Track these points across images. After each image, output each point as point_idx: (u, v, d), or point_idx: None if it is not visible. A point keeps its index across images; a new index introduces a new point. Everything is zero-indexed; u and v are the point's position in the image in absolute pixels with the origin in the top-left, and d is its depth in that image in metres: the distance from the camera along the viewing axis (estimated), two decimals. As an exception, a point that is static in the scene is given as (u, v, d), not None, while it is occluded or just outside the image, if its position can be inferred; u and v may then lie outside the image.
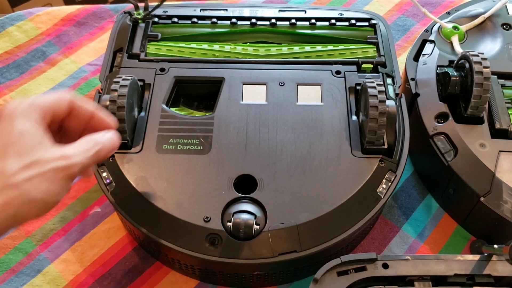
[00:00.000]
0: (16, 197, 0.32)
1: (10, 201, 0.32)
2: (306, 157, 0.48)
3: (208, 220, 0.45)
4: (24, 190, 0.32)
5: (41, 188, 0.33)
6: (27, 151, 0.33)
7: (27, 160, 0.33)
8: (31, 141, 0.34)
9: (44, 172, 0.33)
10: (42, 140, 0.34)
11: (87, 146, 0.36)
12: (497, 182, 0.49)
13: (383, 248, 0.54)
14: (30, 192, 0.32)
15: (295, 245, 0.44)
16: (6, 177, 0.32)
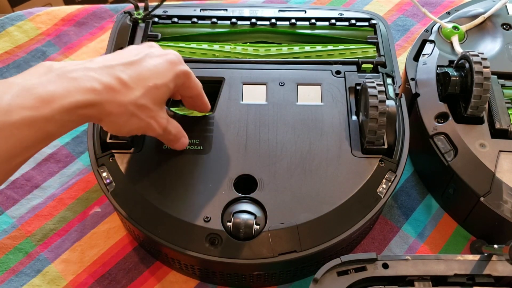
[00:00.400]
0: (119, 110, 0.39)
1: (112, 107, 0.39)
2: (306, 157, 0.48)
3: (208, 220, 0.45)
4: (125, 111, 0.39)
5: (133, 124, 0.41)
6: (152, 98, 0.41)
7: (147, 102, 0.41)
8: (163, 95, 0.42)
9: (145, 121, 0.41)
10: (165, 99, 0.43)
11: (174, 131, 0.46)
12: (497, 182, 0.49)
13: (383, 248, 0.54)
14: (128, 119, 0.40)
15: (295, 245, 0.44)
16: (127, 93, 0.39)
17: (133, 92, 0.40)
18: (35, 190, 0.58)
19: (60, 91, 0.36)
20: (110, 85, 0.38)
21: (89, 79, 0.38)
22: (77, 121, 0.38)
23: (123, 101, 0.39)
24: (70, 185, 0.58)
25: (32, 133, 0.34)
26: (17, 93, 0.34)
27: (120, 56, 0.42)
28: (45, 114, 0.35)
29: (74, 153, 0.61)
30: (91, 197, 0.57)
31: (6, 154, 0.34)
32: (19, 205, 0.57)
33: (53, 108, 0.35)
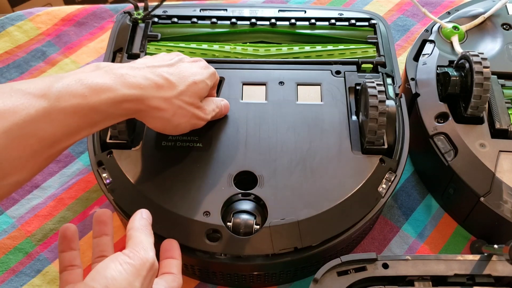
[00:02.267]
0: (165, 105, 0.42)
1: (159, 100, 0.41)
2: (306, 155, 0.48)
3: (208, 215, 0.45)
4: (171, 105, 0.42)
5: (180, 117, 0.44)
6: (194, 93, 0.44)
7: (189, 96, 0.44)
8: (202, 91, 0.46)
9: (192, 112, 0.45)
10: (204, 94, 0.47)
11: (212, 107, 0.48)
12: (497, 182, 0.49)
13: (383, 248, 0.54)
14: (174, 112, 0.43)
15: (296, 241, 0.44)
16: (172, 89, 0.42)
17: (176, 88, 0.43)
18: (35, 190, 0.58)
19: (108, 83, 0.38)
20: (155, 82, 0.41)
21: (135, 75, 0.40)
22: (122, 115, 0.40)
23: (168, 96, 0.42)
24: (70, 185, 0.58)
25: (77, 120, 0.36)
26: (68, 82, 0.36)
27: (157, 59, 0.45)
28: (92, 104, 0.37)
29: (74, 153, 0.61)
30: (91, 197, 0.57)
31: (51, 138, 0.35)
32: (19, 205, 0.57)
33: (101, 99, 0.37)
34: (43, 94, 0.35)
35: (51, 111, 0.35)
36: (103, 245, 0.42)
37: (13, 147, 0.33)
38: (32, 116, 0.34)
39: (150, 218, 0.40)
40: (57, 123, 0.35)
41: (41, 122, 0.34)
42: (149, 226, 0.39)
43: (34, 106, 0.34)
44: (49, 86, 0.35)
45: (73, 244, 0.42)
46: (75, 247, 0.42)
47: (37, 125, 0.34)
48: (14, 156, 0.33)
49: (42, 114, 0.34)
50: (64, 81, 0.36)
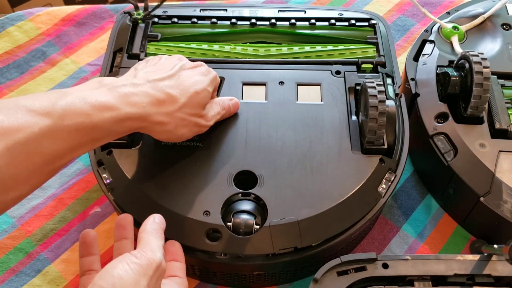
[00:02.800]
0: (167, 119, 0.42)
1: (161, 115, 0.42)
2: (306, 154, 0.48)
3: (208, 215, 0.45)
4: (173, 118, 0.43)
5: (183, 127, 0.44)
6: (196, 103, 0.45)
7: (191, 107, 0.44)
8: (204, 99, 0.46)
9: (195, 122, 0.45)
10: (206, 102, 0.46)
11: (216, 110, 0.48)
12: (497, 182, 0.49)
13: (383, 248, 0.54)
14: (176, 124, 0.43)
15: (296, 241, 0.44)
16: (174, 103, 0.43)
17: (178, 102, 0.43)
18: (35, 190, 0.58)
19: (112, 102, 0.39)
20: (157, 98, 0.42)
21: (137, 93, 0.41)
22: (124, 132, 0.41)
23: (169, 110, 0.42)
24: (70, 185, 0.58)
25: (80, 137, 0.37)
26: (72, 100, 0.37)
27: (158, 70, 0.45)
28: (96, 122, 0.37)
29: (74, 153, 0.61)
30: (91, 197, 0.57)
31: (54, 154, 0.36)
32: (19, 205, 0.57)
33: (104, 117, 0.38)
34: (47, 112, 0.35)
35: (55, 129, 0.35)
36: (123, 248, 0.43)
37: (16, 164, 0.34)
38: (36, 134, 0.34)
39: (163, 223, 0.41)
40: (60, 140, 0.36)
41: (45, 140, 0.35)
42: (161, 230, 0.40)
43: (38, 124, 0.34)
44: (53, 103, 0.36)
45: (92, 249, 0.43)
46: (95, 252, 0.43)
47: (40, 143, 0.35)
48: (17, 172, 0.34)
49: (46, 132, 0.35)
50: (68, 99, 0.37)
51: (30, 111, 0.35)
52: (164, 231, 0.41)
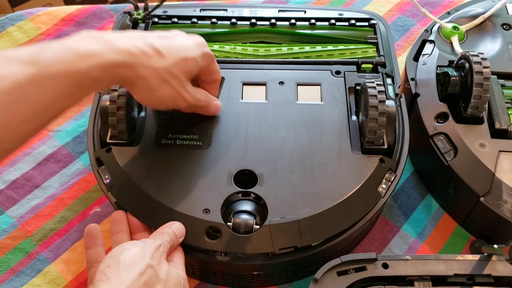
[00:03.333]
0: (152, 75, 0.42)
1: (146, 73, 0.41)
2: (306, 154, 0.48)
3: (208, 213, 0.45)
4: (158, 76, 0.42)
5: (165, 91, 0.43)
6: (182, 69, 0.44)
7: (177, 71, 0.43)
8: (191, 68, 0.45)
9: (176, 89, 0.44)
10: (193, 73, 0.46)
11: (200, 96, 0.48)
12: (497, 182, 0.49)
13: (383, 248, 0.54)
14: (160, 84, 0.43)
15: (296, 240, 0.44)
16: (161, 59, 0.42)
17: (165, 60, 0.42)
18: (35, 190, 0.58)
19: (96, 49, 0.38)
20: (144, 51, 0.41)
21: (124, 42, 0.40)
22: (110, 80, 0.40)
23: (156, 66, 0.42)
24: (70, 185, 0.58)
25: (67, 86, 0.37)
26: (57, 49, 0.37)
27: (152, 32, 0.45)
28: (81, 69, 0.37)
29: (74, 153, 0.61)
30: (91, 197, 0.57)
31: (41, 104, 0.36)
32: (19, 205, 0.57)
33: (89, 64, 0.38)
34: (32, 61, 0.35)
35: (40, 77, 0.35)
36: (120, 240, 0.44)
37: (3, 113, 0.34)
38: (21, 82, 0.34)
39: (178, 231, 0.43)
40: (46, 89, 0.36)
41: (30, 88, 0.35)
42: (173, 234, 0.43)
43: (22, 73, 0.34)
44: (37, 53, 0.36)
45: (98, 240, 0.44)
46: (100, 244, 0.44)
47: (25, 91, 0.35)
48: (4, 122, 0.34)
49: (31, 80, 0.35)
50: (52, 48, 0.37)
51: (14, 61, 0.35)
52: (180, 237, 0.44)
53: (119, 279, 0.37)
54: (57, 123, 0.64)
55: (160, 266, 0.39)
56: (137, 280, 0.37)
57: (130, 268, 0.38)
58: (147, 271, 0.38)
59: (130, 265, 0.38)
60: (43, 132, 0.63)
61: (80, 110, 0.66)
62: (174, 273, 0.41)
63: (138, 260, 0.38)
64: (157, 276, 0.39)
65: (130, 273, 0.37)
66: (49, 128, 0.64)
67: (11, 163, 0.60)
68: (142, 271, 0.38)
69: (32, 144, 0.62)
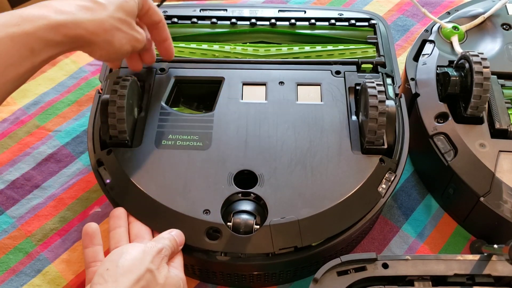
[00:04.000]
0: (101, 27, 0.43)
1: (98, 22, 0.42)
2: (306, 154, 0.48)
3: (208, 214, 0.45)
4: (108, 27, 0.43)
5: (121, 39, 0.45)
6: (125, 11, 0.45)
7: (122, 15, 0.44)
8: (132, 9, 0.46)
9: (129, 33, 0.45)
10: (135, 13, 0.47)
11: (148, 37, 0.50)
12: (497, 182, 0.49)
13: (383, 248, 0.54)
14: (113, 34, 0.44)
15: (296, 240, 0.44)
16: (102, 9, 0.43)
17: (107, 8, 0.43)
18: (35, 190, 0.58)
19: (41, 12, 0.40)
20: (85, 5, 0.42)
21: (65, 4, 0.42)
22: (62, 42, 0.41)
23: (101, 17, 0.43)
24: (70, 185, 0.58)
25: (17, 49, 0.38)
26: (3, 16, 0.38)
27: None
28: (27, 30, 0.38)
29: (74, 153, 0.61)
30: (91, 197, 0.57)
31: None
32: (19, 205, 0.57)
33: (35, 25, 0.39)
34: None
35: None
36: (118, 236, 0.45)
37: None
38: None
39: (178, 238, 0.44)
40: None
41: None
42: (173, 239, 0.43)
43: None
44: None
45: (95, 239, 0.44)
46: (98, 243, 0.44)
47: None
48: None
49: None
50: (0, 15, 0.38)
51: None
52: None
53: (116, 283, 0.37)
54: (57, 123, 0.64)
55: (160, 271, 0.40)
56: (134, 286, 0.37)
57: (128, 272, 0.38)
58: (145, 276, 0.38)
59: (128, 270, 0.38)
60: (43, 132, 0.63)
61: (80, 110, 0.66)
62: (173, 276, 0.41)
63: (137, 265, 0.39)
64: (155, 281, 0.39)
65: (128, 278, 0.37)
66: (49, 128, 0.64)
67: (11, 163, 0.60)
68: (140, 276, 0.38)
69: (32, 144, 0.62)
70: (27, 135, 0.63)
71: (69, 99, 0.67)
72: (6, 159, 0.61)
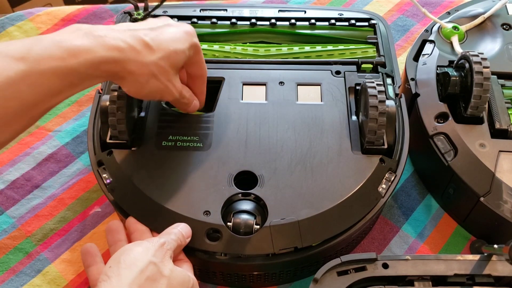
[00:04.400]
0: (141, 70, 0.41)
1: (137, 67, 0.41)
2: (306, 154, 0.48)
3: (208, 215, 0.45)
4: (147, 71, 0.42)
5: (153, 85, 0.43)
6: (171, 62, 0.44)
7: (166, 65, 0.43)
8: (179, 61, 0.45)
9: (164, 83, 0.44)
10: (180, 65, 0.46)
11: (188, 95, 0.48)
12: (497, 182, 0.49)
13: (383, 248, 0.54)
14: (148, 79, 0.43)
15: (296, 241, 0.44)
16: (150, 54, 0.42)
17: (154, 54, 0.42)
18: (35, 190, 0.58)
19: (86, 45, 0.38)
20: (133, 46, 0.41)
21: (114, 38, 0.40)
22: (100, 77, 0.40)
23: (145, 61, 0.42)
24: (70, 185, 0.58)
25: (57, 82, 0.37)
26: (47, 45, 0.37)
27: (142, 24, 0.45)
28: (71, 66, 0.37)
29: (74, 153, 0.61)
30: (91, 197, 0.57)
31: (33, 100, 0.36)
32: (19, 205, 0.57)
33: (79, 61, 0.38)
34: (22, 57, 0.35)
35: (31, 74, 0.35)
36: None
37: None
38: (12, 79, 0.35)
39: (185, 232, 0.44)
40: (37, 85, 0.36)
41: (21, 85, 0.35)
42: (181, 236, 0.43)
43: (13, 69, 0.35)
44: (28, 49, 0.36)
45: (97, 258, 0.44)
46: (100, 261, 0.44)
47: (17, 87, 0.35)
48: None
49: (22, 77, 0.35)
50: (43, 43, 0.37)
51: (5, 56, 0.35)
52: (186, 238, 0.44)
53: (119, 277, 0.37)
54: (57, 123, 0.64)
55: (164, 263, 0.39)
56: (138, 277, 0.37)
57: (131, 266, 0.38)
58: (149, 267, 0.38)
59: (131, 264, 0.38)
60: (43, 132, 0.63)
61: (80, 110, 0.66)
62: (180, 271, 0.41)
63: (140, 258, 0.38)
64: (160, 272, 0.39)
65: (131, 270, 0.37)
66: (49, 128, 0.64)
67: (11, 163, 0.60)
68: (143, 268, 0.38)
69: (32, 144, 0.62)
70: (27, 135, 0.63)
71: (69, 99, 0.67)
72: (6, 159, 0.61)
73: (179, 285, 0.40)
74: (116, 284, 0.36)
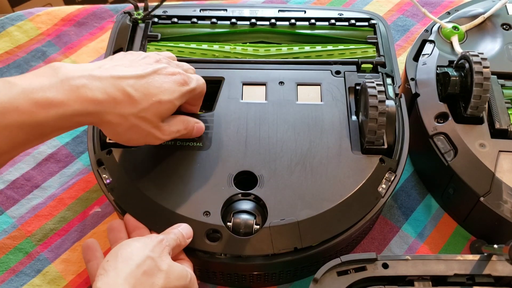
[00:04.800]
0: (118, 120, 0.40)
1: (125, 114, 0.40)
2: (306, 154, 0.48)
3: (208, 215, 0.45)
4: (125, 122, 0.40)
5: (133, 134, 0.42)
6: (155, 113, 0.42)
7: (148, 115, 0.41)
8: (166, 111, 0.43)
9: (147, 131, 0.42)
10: (168, 114, 0.44)
11: (178, 128, 0.45)
12: (497, 182, 0.49)
13: (383, 248, 0.54)
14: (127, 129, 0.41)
15: (296, 241, 0.44)
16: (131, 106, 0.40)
17: (136, 106, 0.40)
18: (35, 190, 0.58)
19: (60, 99, 0.36)
20: (114, 97, 0.39)
21: (92, 89, 0.38)
22: (73, 126, 0.39)
23: (124, 112, 0.40)
24: (70, 185, 0.58)
25: (23, 135, 0.36)
26: (15, 95, 0.35)
27: (132, 66, 0.42)
28: (40, 119, 0.36)
29: (74, 153, 0.61)
30: (91, 197, 0.57)
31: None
32: (19, 205, 0.57)
33: (49, 115, 0.36)
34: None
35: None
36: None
37: None
38: None
39: (186, 232, 0.44)
40: (2, 138, 0.35)
41: None
42: (180, 235, 0.43)
43: None
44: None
45: (97, 253, 0.44)
46: (100, 256, 0.44)
47: None
48: None
49: None
50: (11, 92, 0.35)
51: None
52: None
53: (116, 271, 0.37)
54: (57, 123, 0.64)
55: (161, 258, 0.39)
56: (135, 271, 0.37)
57: (128, 260, 0.38)
58: (146, 262, 0.38)
59: (128, 258, 0.38)
60: (43, 132, 0.63)
61: (80, 110, 0.66)
62: (178, 266, 0.41)
63: (137, 253, 0.39)
64: (157, 267, 0.39)
65: (128, 264, 0.37)
66: (49, 128, 0.64)
67: (11, 163, 0.60)
68: (140, 262, 0.38)
69: (32, 144, 0.62)
70: (27, 135, 0.63)
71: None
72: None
73: (176, 280, 0.40)
74: (113, 278, 0.36)
